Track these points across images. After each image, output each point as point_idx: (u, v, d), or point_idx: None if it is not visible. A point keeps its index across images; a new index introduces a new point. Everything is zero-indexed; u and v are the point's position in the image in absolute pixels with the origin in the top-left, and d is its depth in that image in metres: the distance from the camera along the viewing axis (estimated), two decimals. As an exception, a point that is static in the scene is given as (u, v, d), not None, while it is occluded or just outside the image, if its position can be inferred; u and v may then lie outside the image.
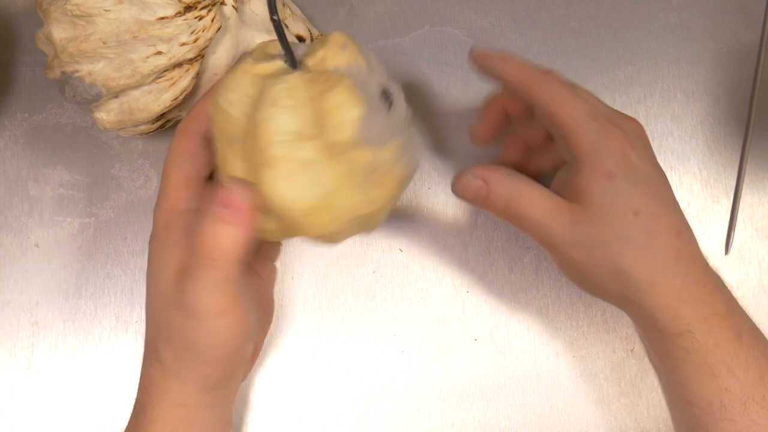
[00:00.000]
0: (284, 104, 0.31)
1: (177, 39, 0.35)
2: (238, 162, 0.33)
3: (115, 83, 0.35)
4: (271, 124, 0.31)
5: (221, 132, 0.33)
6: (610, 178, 0.34)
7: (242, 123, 0.32)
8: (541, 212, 0.35)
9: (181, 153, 0.35)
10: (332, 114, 0.32)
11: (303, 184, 0.32)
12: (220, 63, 0.38)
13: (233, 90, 0.32)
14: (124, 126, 0.37)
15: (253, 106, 0.32)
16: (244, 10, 0.39)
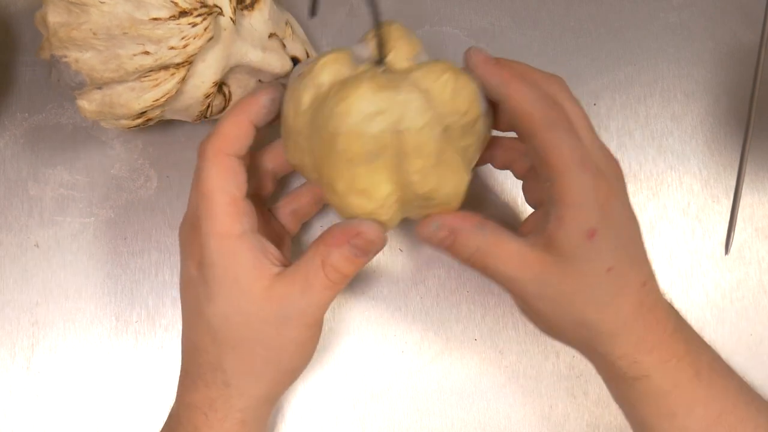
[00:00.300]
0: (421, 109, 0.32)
1: (166, 42, 0.35)
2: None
3: (99, 75, 0.35)
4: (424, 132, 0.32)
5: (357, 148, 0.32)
6: (590, 236, 0.33)
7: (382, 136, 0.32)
8: (509, 267, 0.34)
9: (222, 175, 0.34)
10: (458, 98, 0.33)
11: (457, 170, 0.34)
12: (209, 72, 0.37)
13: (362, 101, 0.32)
14: (104, 117, 0.37)
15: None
16: (243, 24, 0.39)
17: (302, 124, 0.34)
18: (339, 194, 0.34)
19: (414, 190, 0.33)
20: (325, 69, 0.33)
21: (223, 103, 0.40)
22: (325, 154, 0.33)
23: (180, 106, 0.38)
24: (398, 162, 0.33)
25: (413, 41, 0.35)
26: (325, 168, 0.33)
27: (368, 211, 0.34)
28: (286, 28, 0.41)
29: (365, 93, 0.32)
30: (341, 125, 0.32)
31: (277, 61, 0.39)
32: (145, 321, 0.44)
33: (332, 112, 0.32)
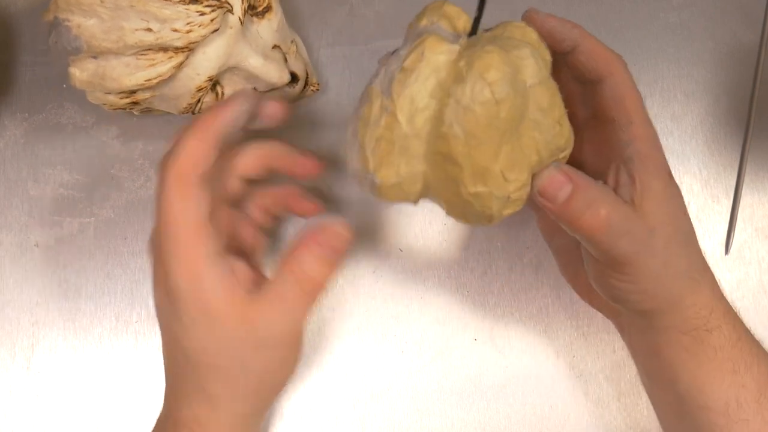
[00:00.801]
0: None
1: (171, 23, 0.35)
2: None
3: (97, 43, 0.35)
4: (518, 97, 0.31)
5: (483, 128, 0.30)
6: (669, 176, 0.34)
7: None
8: (619, 230, 0.33)
9: (184, 201, 0.32)
10: (541, 45, 0.33)
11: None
12: (206, 65, 0.37)
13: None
14: (94, 89, 0.37)
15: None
16: (250, 29, 0.39)
17: (422, 122, 0.31)
18: (494, 177, 0.31)
19: (555, 144, 0.32)
20: (435, 52, 0.31)
21: (213, 103, 0.40)
22: (478, 134, 0.30)
23: (170, 94, 0.38)
24: (536, 120, 0.31)
25: (457, 9, 0.34)
26: (474, 153, 0.30)
27: (523, 183, 0.32)
28: (291, 45, 0.42)
29: (501, 57, 0.30)
30: (498, 92, 0.30)
31: (276, 72, 0.39)
32: (145, 321, 0.44)
33: (484, 84, 0.30)
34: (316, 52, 0.46)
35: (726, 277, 0.45)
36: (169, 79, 0.37)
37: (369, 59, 0.46)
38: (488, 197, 0.31)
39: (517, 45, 0.31)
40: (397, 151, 0.31)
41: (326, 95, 0.46)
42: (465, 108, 0.30)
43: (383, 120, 0.31)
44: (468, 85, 0.30)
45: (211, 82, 0.38)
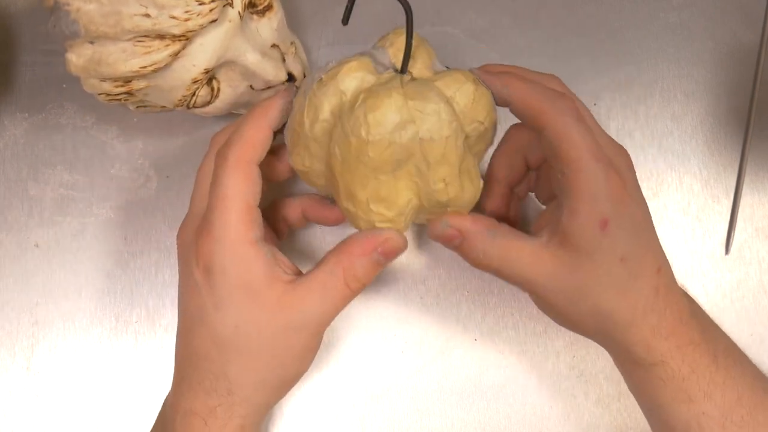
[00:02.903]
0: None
1: (170, 10, 0.35)
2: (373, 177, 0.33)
3: (95, 27, 0.35)
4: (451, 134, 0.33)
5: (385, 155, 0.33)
6: (604, 226, 0.33)
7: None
8: (523, 268, 0.34)
9: (242, 183, 0.34)
10: (477, 106, 0.33)
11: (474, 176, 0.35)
12: (203, 57, 0.37)
13: (387, 110, 0.32)
14: (89, 75, 0.37)
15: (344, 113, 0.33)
16: (250, 25, 0.39)
17: (320, 131, 0.34)
18: (360, 202, 0.34)
19: (436, 198, 0.34)
20: (349, 76, 0.33)
21: (208, 97, 0.40)
22: (349, 161, 0.33)
23: (165, 84, 0.38)
24: (420, 170, 0.33)
25: (429, 50, 0.35)
26: (346, 176, 0.33)
27: (387, 219, 0.34)
28: (290, 47, 0.42)
29: (396, 102, 0.32)
30: (372, 134, 0.32)
31: (273, 69, 0.39)
32: (145, 321, 0.44)
33: (363, 121, 0.32)
34: (315, 52, 0.46)
35: (726, 277, 0.45)
36: (164, 68, 0.37)
37: (369, 59, 0.46)
38: (355, 216, 0.34)
39: (429, 97, 0.32)
40: (302, 145, 0.35)
41: (326, 95, 0.46)
42: (345, 134, 0.32)
43: (297, 116, 0.34)
44: (353, 117, 0.32)
45: (207, 75, 0.38)
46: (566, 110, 0.34)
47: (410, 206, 0.34)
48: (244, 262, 0.34)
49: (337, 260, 0.34)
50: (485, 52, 0.46)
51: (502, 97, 0.35)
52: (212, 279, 0.34)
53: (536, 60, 0.46)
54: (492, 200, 0.40)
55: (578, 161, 0.33)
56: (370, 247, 0.34)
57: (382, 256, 0.35)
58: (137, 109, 0.42)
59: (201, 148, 0.45)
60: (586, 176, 0.33)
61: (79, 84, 0.39)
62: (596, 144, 0.33)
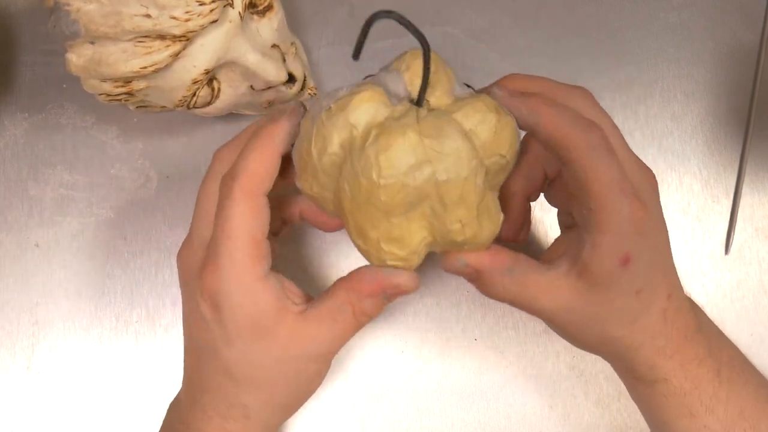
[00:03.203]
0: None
1: (170, 11, 0.35)
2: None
3: (95, 27, 0.35)
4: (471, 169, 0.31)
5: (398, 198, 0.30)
6: (625, 262, 0.32)
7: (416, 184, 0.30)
8: (540, 301, 0.34)
9: (248, 217, 0.32)
10: (499, 138, 0.31)
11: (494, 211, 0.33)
12: (203, 57, 0.37)
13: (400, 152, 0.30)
14: (89, 75, 0.37)
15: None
16: (250, 26, 0.39)
17: (329, 163, 0.31)
18: (371, 241, 0.32)
19: (451, 238, 0.32)
20: (360, 108, 0.30)
21: (209, 97, 0.40)
22: (359, 203, 0.31)
23: (166, 85, 0.38)
24: (436, 211, 0.31)
25: (449, 73, 0.33)
26: (356, 214, 0.31)
27: (400, 258, 0.32)
28: (291, 47, 0.42)
29: (411, 141, 0.29)
30: (384, 176, 0.29)
31: (273, 70, 0.39)
32: (145, 321, 0.44)
33: (375, 162, 0.29)
34: (316, 52, 0.46)
35: (726, 277, 0.45)
36: (165, 68, 0.37)
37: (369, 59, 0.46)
38: (367, 253, 0.33)
39: (447, 133, 0.30)
40: (310, 173, 0.32)
41: (326, 95, 0.46)
42: (354, 174, 0.30)
43: (304, 143, 0.32)
44: (364, 156, 0.30)
45: (207, 76, 0.38)
46: (596, 143, 0.32)
47: (423, 244, 0.32)
48: (253, 298, 0.33)
49: (346, 297, 0.34)
50: (485, 52, 0.46)
51: (528, 125, 0.33)
52: (221, 315, 0.33)
53: (536, 60, 0.46)
54: (509, 215, 0.38)
55: (604, 197, 0.32)
56: (380, 288, 0.34)
57: (393, 296, 0.34)
58: (137, 110, 0.42)
59: (201, 148, 0.45)
60: (611, 212, 0.32)
61: (79, 84, 0.39)
62: (623, 176, 0.32)
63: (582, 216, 0.33)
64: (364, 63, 0.46)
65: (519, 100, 0.33)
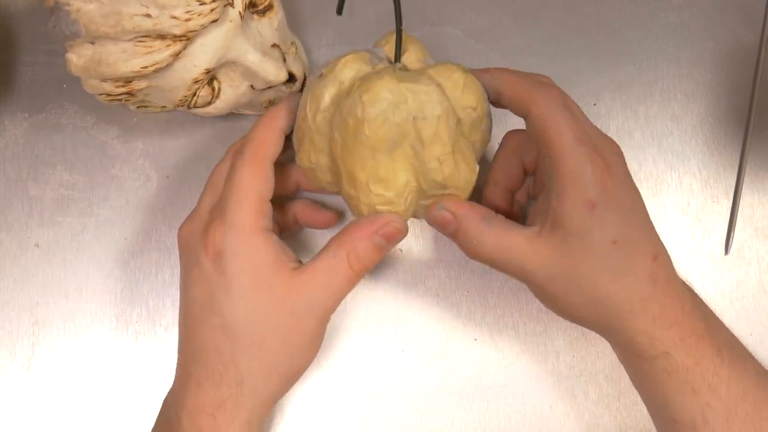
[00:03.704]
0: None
1: (170, 10, 0.35)
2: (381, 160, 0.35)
3: (95, 27, 0.35)
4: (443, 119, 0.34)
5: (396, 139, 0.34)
6: (591, 207, 0.34)
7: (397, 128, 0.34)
8: (518, 256, 0.35)
9: (256, 175, 0.36)
10: (468, 93, 0.35)
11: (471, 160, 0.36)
12: (204, 57, 0.37)
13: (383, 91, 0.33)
14: (90, 75, 0.37)
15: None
16: (250, 25, 0.39)
17: (322, 121, 0.35)
18: (360, 183, 0.35)
19: (432, 177, 0.35)
20: (347, 66, 0.35)
21: (209, 97, 0.40)
22: (348, 143, 0.34)
23: (166, 85, 0.38)
24: (416, 151, 0.34)
25: (422, 47, 0.37)
26: (346, 158, 0.35)
27: (387, 200, 0.35)
28: (291, 47, 0.42)
29: (389, 83, 0.33)
30: (368, 112, 0.33)
31: (274, 69, 0.39)
32: (145, 321, 0.44)
33: (359, 101, 0.33)
34: (315, 52, 0.46)
35: (726, 277, 0.45)
36: (165, 68, 0.37)
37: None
38: (357, 201, 0.36)
39: (420, 80, 0.34)
40: (307, 140, 0.36)
41: (326, 95, 0.46)
42: (342, 118, 0.34)
43: (301, 111, 0.36)
44: (349, 99, 0.34)
45: (208, 76, 0.38)
46: (552, 98, 0.35)
47: (409, 188, 0.35)
48: (254, 249, 0.35)
49: (339, 243, 0.35)
50: (485, 52, 0.46)
51: (492, 87, 0.36)
52: (223, 264, 0.35)
53: (536, 60, 0.46)
54: (493, 204, 0.41)
55: (563, 145, 0.34)
56: (372, 229, 0.35)
57: (384, 239, 0.35)
58: (137, 110, 0.42)
59: (201, 148, 0.45)
60: (571, 159, 0.34)
61: (80, 84, 0.39)
62: (581, 129, 0.34)
63: (546, 170, 0.35)
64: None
65: (483, 70, 0.37)
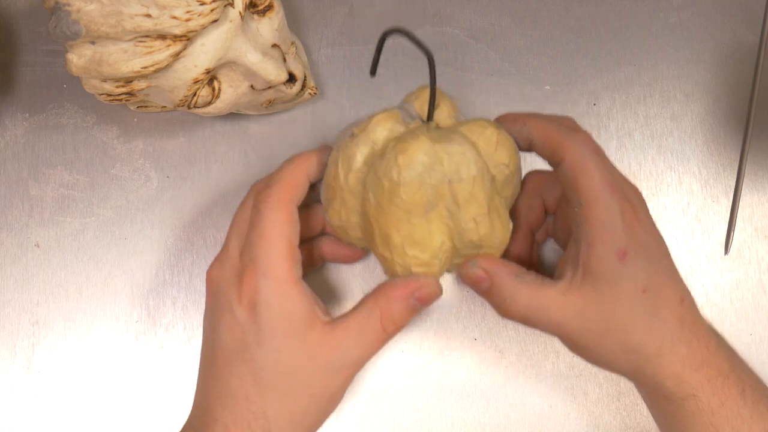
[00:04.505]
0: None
1: (171, 10, 0.35)
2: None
3: (96, 27, 0.35)
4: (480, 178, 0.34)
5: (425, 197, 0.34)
6: (622, 256, 0.34)
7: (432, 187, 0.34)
8: (551, 311, 0.35)
9: (283, 222, 0.35)
10: (501, 150, 0.35)
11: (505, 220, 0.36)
12: (204, 57, 0.37)
13: (417, 154, 0.33)
14: (90, 75, 0.37)
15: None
16: (251, 25, 0.39)
17: (354, 181, 0.35)
18: (395, 245, 0.34)
19: (468, 238, 0.35)
20: (379, 126, 0.35)
21: (209, 97, 0.40)
22: (383, 205, 0.34)
23: (166, 85, 0.38)
24: (451, 212, 0.34)
25: (452, 102, 0.37)
26: (381, 220, 0.34)
27: (422, 262, 0.35)
28: (291, 47, 0.42)
29: (424, 144, 0.33)
30: (403, 176, 0.33)
31: (274, 69, 0.39)
32: (145, 321, 0.44)
33: (394, 163, 0.33)
34: (315, 52, 0.46)
35: (726, 277, 0.45)
36: (165, 68, 0.37)
37: (369, 59, 0.46)
38: (392, 262, 0.35)
39: (455, 140, 0.34)
40: (338, 199, 0.36)
41: (326, 95, 0.46)
42: (377, 179, 0.34)
43: (331, 169, 0.36)
44: (384, 161, 0.33)
45: (208, 75, 0.38)
46: (583, 144, 0.35)
47: (443, 249, 0.35)
48: (288, 300, 0.34)
49: (375, 302, 0.35)
50: (485, 52, 0.46)
51: (523, 136, 0.36)
52: (257, 314, 0.34)
53: (536, 60, 0.46)
54: (516, 244, 0.41)
55: (595, 194, 0.34)
56: (408, 291, 0.35)
57: (419, 302, 0.35)
58: (138, 110, 0.42)
59: (201, 148, 0.45)
60: (603, 207, 0.34)
61: (80, 84, 0.39)
62: (611, 176, 0.34)
63: (576, 217, 0.35)
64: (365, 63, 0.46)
65: (513, 120, 0.36)
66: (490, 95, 0.46)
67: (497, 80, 0.46)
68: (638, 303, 0.34)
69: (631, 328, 0.34)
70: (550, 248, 0.44)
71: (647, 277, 0.34)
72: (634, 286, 0.34)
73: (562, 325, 0.35)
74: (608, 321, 0.34)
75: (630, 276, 0.34)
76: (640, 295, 0.34)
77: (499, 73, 0.46)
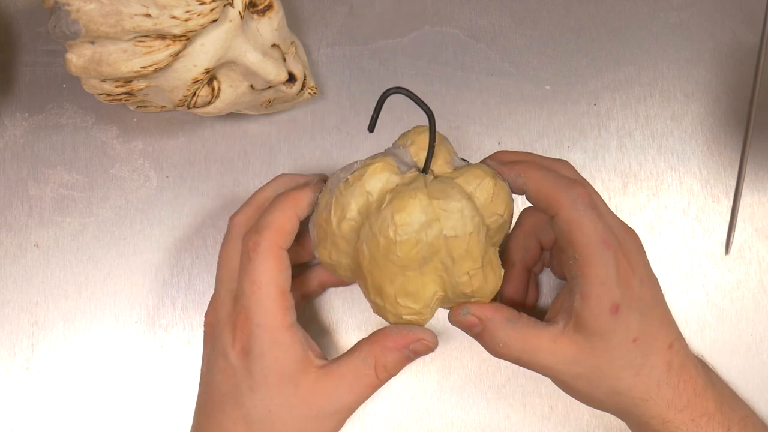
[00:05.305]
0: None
1: (170, 10, 0.35)
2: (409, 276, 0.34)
3: (95, 27, 0.35)
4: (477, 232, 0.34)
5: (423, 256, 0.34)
6: (615, 311, 0.34)
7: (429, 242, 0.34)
8: (543, 356, 0.35)
9: (274, 268, 0.35)
10: (496, 200, 0.35)
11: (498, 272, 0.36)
12: (203, 57, 0.37)
13: (412, 211, 0.33)
14: (89, 75, 0.37)
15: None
16: (250, 25, 0.39)
17: (347, 229, 0.34)
18: (387, 296, 0.35)
19: (460, 290, 0.35)
20: (374, 177, 0.34)
21: (209, 97, 0.40)
22: (378, 260, 0.34)
23: (166, 85, 0.38)
24: (446, 265, 0.34)
25: (448, 146, 0.37)
26: (374, 272, 0.34)
27: (414, 311, 0.35)
28: (291, 47, 0.42)
29: (422, 202, 0.33)
30: (400, 234, 0.33)
31: (274, 69, 0.39)
32: (145, 321, 0.44)
33: (391, 222, 0.33)
34: (315, 53, 0.46)
35: (726, 277, 0.45)
36: (165, 68, 0.37)
37: (369, 59, 0.46)
38: (384, 310, 0.36)
39: (452, 196, 0.34)
40: (329, 241, 0.35)
41: (325, 95, 0.46)
42: (373, 234, 0.34)
43: (324, 213, 0.35)
44: (380, 217, 0.33)
45: (207, 75, 0.38)
46: (578, 198, 0.35)
47: (436, 298, 0.35)
48: (281, 348, 0.35)
49: (369, 350, 0.36)
50: (485, 52, 0.46)
51: (517, 185, 0.36)
52: (250, 362, 0.35)
53: (536, 60, 0.46)
54: (510, 284, 0.41)
55: (589, 248, 0.34)
56: (404, 343, 0.36)
57: (413, 354, 0.36)
58: (137, 110, 0.42)
59: (201, 148, 0.45)
60: (596, 262, 0.34)
61: (80, 84, 0.39)
62: (607, 230, 0.34)
63: (570, 269, 0.35)
64: (364, 63, 0.46)
65: (509, 167, 0.36)
66: (490, 95, 0.46)
67: (497, 80, 0.46)
68: (628, 352, 0.35)
69: (620, 374, 0.35)
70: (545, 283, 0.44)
71: (639, 327, 0.35)
72: (625, 337, 0.35)
73: (553, 369, 0.36)
74: (598, 368, 0.35)
75: (622, 328, 0.35)
76: (631, 344, 0.35)
77: (499, 73, 0.46)
